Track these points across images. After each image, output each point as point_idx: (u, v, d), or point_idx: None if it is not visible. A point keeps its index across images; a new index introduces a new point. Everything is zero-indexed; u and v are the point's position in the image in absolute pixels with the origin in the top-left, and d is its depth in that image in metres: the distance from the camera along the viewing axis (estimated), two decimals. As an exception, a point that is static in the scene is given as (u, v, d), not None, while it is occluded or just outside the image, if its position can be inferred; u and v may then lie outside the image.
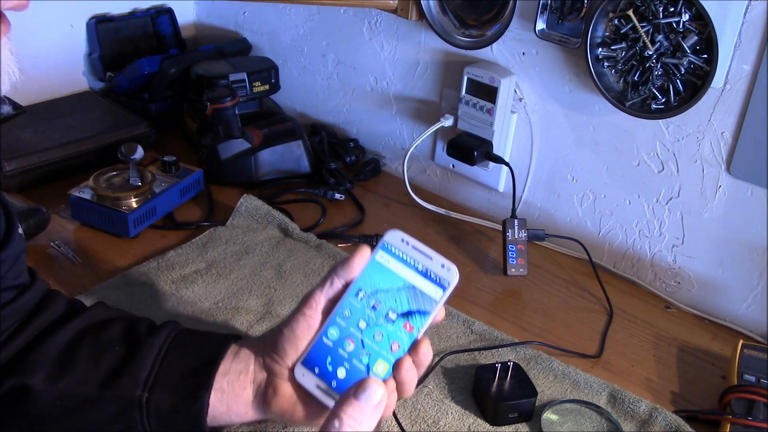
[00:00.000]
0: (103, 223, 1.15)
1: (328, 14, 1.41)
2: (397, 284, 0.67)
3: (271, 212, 1.21)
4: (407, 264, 0.67)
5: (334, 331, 0.67)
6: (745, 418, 0.87)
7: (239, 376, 0.71)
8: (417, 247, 0.68)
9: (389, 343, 0.67)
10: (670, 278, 1.15)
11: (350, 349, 0.67)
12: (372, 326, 0.67)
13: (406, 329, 0.67)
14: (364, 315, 0.67)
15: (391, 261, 0.68)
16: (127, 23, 1.52)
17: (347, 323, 0.67)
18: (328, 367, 0.67)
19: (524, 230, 1.16)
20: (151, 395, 0.69)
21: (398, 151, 1.40)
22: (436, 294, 0.67)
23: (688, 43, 0.99)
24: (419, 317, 0.67)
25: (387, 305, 0.67)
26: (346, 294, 0.68)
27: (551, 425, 0.88)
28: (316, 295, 0.69)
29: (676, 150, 1.08)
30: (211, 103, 1.26)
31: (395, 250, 0.68)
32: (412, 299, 0.67)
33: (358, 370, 0.67)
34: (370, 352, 0.67)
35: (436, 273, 0.67)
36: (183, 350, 0.72)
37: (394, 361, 0.66)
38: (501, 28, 1.17)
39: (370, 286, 0.67)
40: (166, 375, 0.70)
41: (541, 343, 1.01)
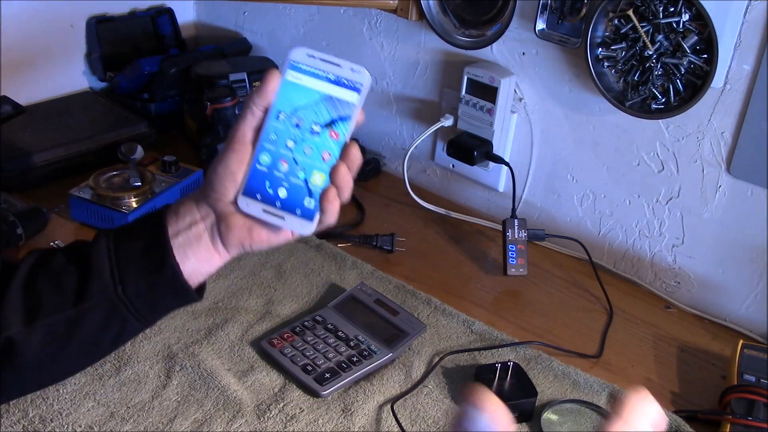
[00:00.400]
0: (103, 223, 1.15)
1: (328, 14, 1.41)
2: (314, 98, 0.69)
3: (271, 212, 1.20)
4: (318, 77, 0.69)
5: (265, 157, 0.69)
6: (745, 418, 0.87)
7: (191, 228, 0.72)
8: (324, 59, 0.69)
9: (320, 154, 0.69)
10: (670, 278, 1.15)
11: (285, 169, 0.69)
12: (300, 143, 0.69)
13: (333, 137, 0.69)
14: (289, 134, 0.69)
15: (302, 78, 0.69)
16: (127, 23, 1.52)
17: (275, 146, 0.69)
18: (268, 191, 0.70)
19: (524, 230, 1.16)
20: (125, 285, 0.70)
21: (398, 151, 1.40)
22: (352, 97, 0.69)
23: (688, 43, 0.99)
24: (342, 123, 0.69)
25: (309, 120, 0.69)
26: (267, 119, 0.70)
27: (551, 425, 0.88)
28: (241, 128, 0.70)
29: (676, 150, 1.08)
30: (211, 103, 1.27)
31: (303, 66, 0.69)
32: (331, 108, 0.69)
33: (298, 186, 0.69)
34: (304, 167, 0.69)
35: (347, 78, 0.68)
36: (128, 238, 0.73)
37: (329, 169, 0.69)
38: (501, 28, 1.17)
39: (288, 107, 0.69)
40: (127, 263, 0.71)
41: (541, 343, 1.01)
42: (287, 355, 0.93)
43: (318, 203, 0.69)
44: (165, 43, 1.56)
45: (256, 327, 0.99)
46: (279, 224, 0.70)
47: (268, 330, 0.99)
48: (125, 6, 1.53)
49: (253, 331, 0.98)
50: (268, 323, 1.00)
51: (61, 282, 0.72)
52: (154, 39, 1.56)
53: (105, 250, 0.72)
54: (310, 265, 1.11)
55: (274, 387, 0.91)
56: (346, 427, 0.86)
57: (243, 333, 0.98)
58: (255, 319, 1.00)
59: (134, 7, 1.54)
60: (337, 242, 1.18)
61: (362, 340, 0.96)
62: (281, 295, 1.05)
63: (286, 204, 0.70)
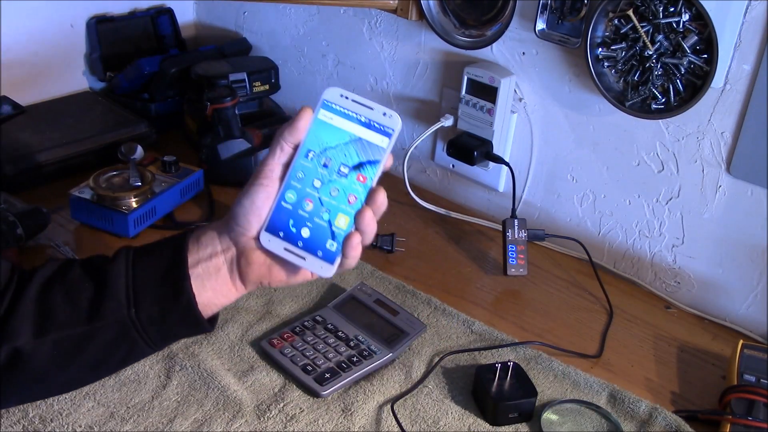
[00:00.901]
0: (103, 223, 1.15)
1: (328, 14, 1.41)
2: (344, 139, 0.68)
3: (271, 212, 1.20)
4: (350, 118, 0.69)
5: (291, 194, 0.69)
6: (745, 418, 0.87)
7: (210, 259, 0.72)
8: (357, 100, 0.69)
9: (346, 197, 0.69)
10: (670, 278, 1.15)
11: (309, 208, 0.69)
12: (327, 183, 0.69)
13: (360, 180, 0.68)
14: (317, 174, 0.69)
15: (333, 118, 0.69)
16: (127, 23, 1.52)
17: (302, 184, 0.69)
18: (291, 229, 0.69)
19: (524, 230, 1.16)
20: (138, 309, 0.70)
21: (398, 151, 1.40)
22: (382, 142, 0.68)
23: (688, 43, 0.99)
24: (370, 167, 0.68)
25: (337, 161, 0.68)
26: (296, 156, 0.69)
27: (551, 425, 0.88)
28: (270, 163, 0.70)
29: (676, 150, 1.08)
30: (211, 103, 1.26)
31: (336, 106, 0.69)
32: (360, 151, 0.68)
33: (321, 227, 0.69)
34: (329, 208, 0.69)
35: (379, 122, 0.68)
36: (147, 261, 0.73)
37: (354, 213, 0.68)
38: (501, 28, 1.17)
39: (318, 146, 0.69)
40: (143, 287, 0.71)
41: (541, 343, 1.01)
42: (287, 355, 0.93)
43: (340, 246, 0.68)
44: (165, 43, 1.56)
45: (256, 327, 0.99)
46: (299, 264, 0.69)
47: (268, 330, 0.99)
48: (125, 6, 1.53)
49: (253, 331, 0.98)
50: (268, 323, 1.00)
51: (75, 296, 0.71)
52: (154, 39, 1.56)
53: (123, 269, 0.72)
54: (310, 265, 1.11)
55: (274, 387, 0.91)
56: (346, 427, 0.86)
57: (243, 333, 0.98)
58: (255, 319, 1.00)
59: (134, 7, 1.54)
60: (337, 242, 1.18)
61: (362, 340, 0.96)
62: (281, 295, 1.05)
63: (308, 244, 0.69)
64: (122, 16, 1.53)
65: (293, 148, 0.70)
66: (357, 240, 0.68)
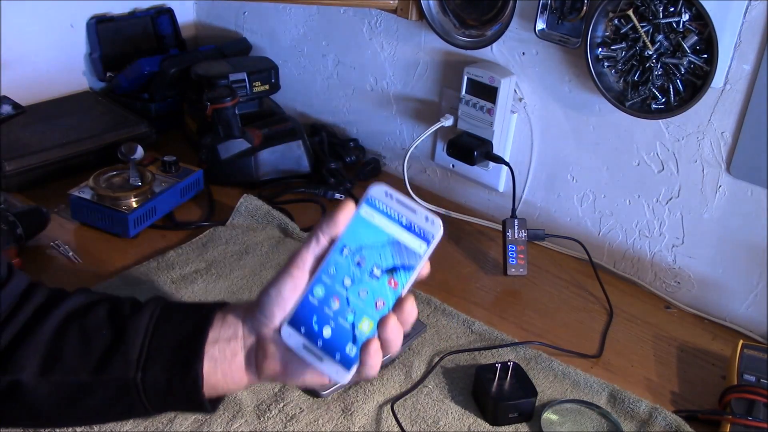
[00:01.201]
0: (103, 223, 1.15)
1: (328, 14, 1.41)
2: (381, 239, 0.66)
3: (271, 212, 1.21)
4: (391, 218, 0.66)
5: (319, 290, 0.67)
6: (745, 418, 0.87)
7: (229, 342, 0.70)
8: (401, 201, 0.67)
9: (374, 300, 0.66)
10: (670, 278, 1.15)
11: (336, 307, 0.67)
12: (357, 283, 0.66)
13: (391, 285, 0.66)
14: (349, 272, 0.67)
15: (375, 216, 0.66)
16: (127, 23, 1.52)
17: (332, 281, 0.67)
18: (314, 326, 0.67)
19: (524, 230, 1.16)
20: (145, 374, 0.69)
21: (398, 151, 1.40)
22: (420, 248, 0.66)
23: (688, 43, 0.99)
24: (404, 273, 0.66)
25: (371, 261, 0.66)
26: (331, 251, 0.67)
27: (551, 425, 0.88)
28: (303, 254, 0.68)
29: (676, 150, 1.08)
30: (211, 103, 1.26)
31: (379, 204, 0.66)
32: (396, 254, 0.66)
33: (344, 329, 0.67)
34: (355, 310, 0.67)
35: (420, 226, 0.66)
36: (170, 325, 0.72)
37: (379, 318, 0.66)
38: (501, 28, 1.17)
39: (354, 242, 0.67)
40: (157, 352, 0.70)
41: (541, 343, 1.01)
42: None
43: (359, 353, 0.66)
44: (165, 43, 1.56)
45: (256, 327, 0.99)
46: (315, 365, 0.67)
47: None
48: (125, 6, 1.53)
49: (253, 331, 0.98)
50: (268, 323, 1.00)
51: (90, 343, 0.70)
52: (154, 39, 1.56)
53: (144, 326, 0.70)
54: (310, 265, 1.11)
55: (274, 387, 0.90)
56: (346, 427, 0.86)
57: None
58: (255, 319, 1.00)
59: (134, 7, 1.54)
60: (337, 242, 1.18)
61: (362, 340, 0.96)
62: (281, 295, 1.05)
63: (328, 345, 0.66)
64: (122, 16, 1.53)
65: (329, 242, 0.67)
66: (376, 347, 0.65)
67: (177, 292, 1.03)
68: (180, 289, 1.03)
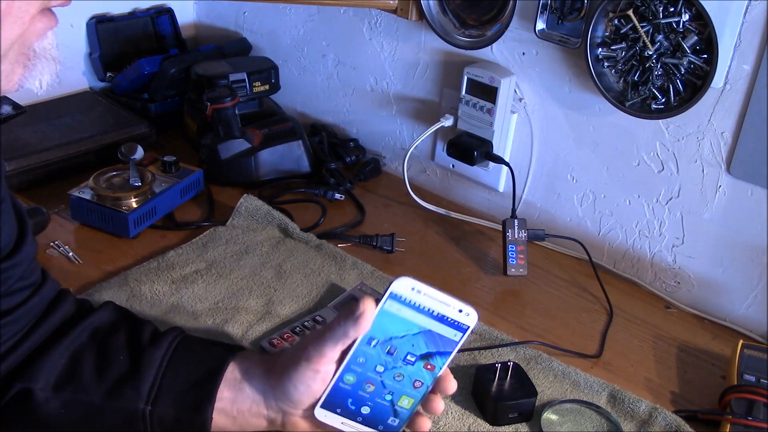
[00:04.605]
0: (103, 223, 1.15)
1: (328, 14, 1.41)
2: (412, 330, 0.64)
3: (271, 212, 1.21)
4: (420, 311, 0.63)
5: (350, 377, 0.66)
6: (745, 418, 0.87)
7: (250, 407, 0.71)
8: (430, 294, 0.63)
9: (411, 382, 0.65)
10: (670, 278, 1.15)
11: (370, 390, 0.66)
12: (390, 369, 0.65)
13: (427, 369, 0.65)
14: (380, 360, 0.65)
15: (402, 309, 0.63)
16: (127, 23, 1.52)
17: (363, 369, 0.65)
18: (350, 407, 0.67)
19: (524, 230, 1.16)
20: (155, 408, 0.70)
21: (398, 151, 1.40)
22: (455, 336, 0.65)
23: (688, 43, 0.99)
24: (440, 357, 0.65)
25: (404, 350, 0.65)
26: (358, 343, 0.65)
27: (551, 425, 0.88)
28: (327, 351, 0.66)
29: (676, 150, 1.08)
30: (211, 103, 1.26)
31: (405, 298, 0.63)
32: (430, 342, 0.64)
33: (383, 406, 0.66)
34: (393, 391, 0.66)
35: (453, 318, 0.64)
36: (185, 361, 0.73)
37: (419, 396, 0.66)
38: (501, 28, 1.17)
39: (382, 335, 0.64)
40: (169, 387, 0.71)
41: (541, 343, 1.01)
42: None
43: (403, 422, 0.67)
44: (165, 43, 1.56)
45: (256, 327, 0.99)
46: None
47: (268, 330, 0.99)
48: (125, 6, 1.53)
49: (253, 331, 0.98)
50: (268, 323, 1.00)
51: (106, 365, 0.71)
52: (154, 39, 1.56)
53: (158, 360, 0.71)
54: (310, 265, 1.11)
55: (274, 387, 0.90)
56: (346, 427, 0.86)
57: (243, 333, 0.98)
58: (255, 319, 1.00)
59: (134, 7, 1.54)
60: (337, 242, 1.18)
61: (362, 340, 0.96)
62: (281, 295, 1.05)
63: (369, 420, 0.66)
64: (122, 16, 1.53)
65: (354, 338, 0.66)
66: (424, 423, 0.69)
67: (177, 292, 1.03)
68: (180, 289, 1.03)
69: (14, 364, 0.71)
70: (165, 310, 1.00)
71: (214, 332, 0.97)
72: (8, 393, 0.69)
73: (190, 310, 1.00)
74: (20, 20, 0.56)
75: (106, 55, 1.49)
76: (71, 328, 0.73)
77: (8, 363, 0.70)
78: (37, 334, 0.72)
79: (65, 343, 0.72)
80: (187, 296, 1.03)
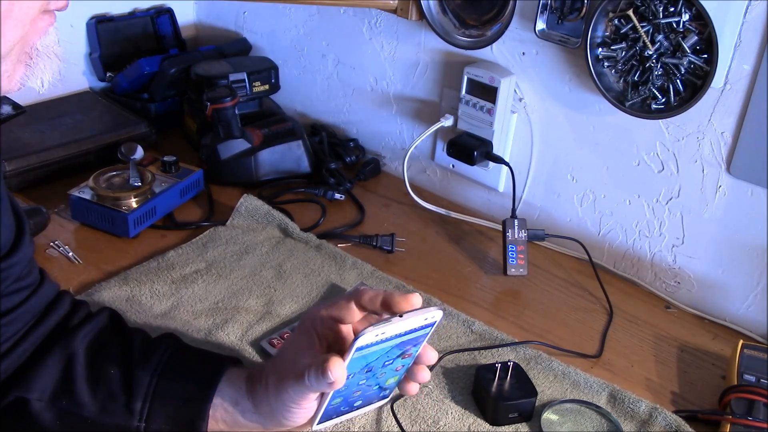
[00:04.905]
0: (103, 223, 1.15)
1: (328, 14, 1.41)
2: (384, 350, 0.65)
3: (271, 212, 1.21)
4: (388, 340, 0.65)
5: (337, 399, 0.68)
6: (745, 418, 0.87)
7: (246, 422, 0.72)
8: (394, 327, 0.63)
9: (393, 370, 0.69)
10: (670, 278, 1.15)
11: (359, 393, 0.69)
12: (372, 377, 0.68)
13: (405, 359, 0.68)
14: (361, 378, 0.67)
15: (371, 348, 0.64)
16: (127, 23, 1.52)
17: (347, 389, 0.67)
18: (343, 409, 0.70)
19: (524, 230, 1.16)
20: (148, 424, 0.70)
21: (398, 151, 1.40)
22: (424, 332, 0.66)
23: (688, 43, 0.99)
24: (414, 348, 0.68)
25: (380, 362, 0.67)
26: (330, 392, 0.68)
27: (551, 425, 0.88)
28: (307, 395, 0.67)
29: (676, 150, 1.08)
30: (211, 103, 1.26)
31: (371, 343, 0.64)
32: (403, 346, 0.66)
33: (373, 392, 0.70)
34: (379, 382, 0.69)
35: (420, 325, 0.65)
36: (177, 377, 0.73)
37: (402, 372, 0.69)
38: (501, 28, 1.17)
39: (357, 367, 0.66)
40: (160, 405, 0.71)
41: (541, 343, 1.01)
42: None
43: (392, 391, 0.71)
44: (165, 43, 1.56)
45: (256, 327, 0.99)
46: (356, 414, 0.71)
47: (268, 330, 0.99)
48: (125, 6, 1.53)
49: (253, 331, 0.98)
50: (268, 323, 1.00)
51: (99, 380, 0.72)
52: (154, 39, 1.56)
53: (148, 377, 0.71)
54: (310, 265, 1.11)
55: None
56: (346, 427, 0.86)
57: (243, 333, 0.98)
58: (255, 319, 1.00)
59: (134, 7, 1.54)
60: (337, 242, 1.18)
61: (362, 340, 0.96)
62: (281, 295, 1.05)
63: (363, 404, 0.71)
64: (122, 16, 1.53)
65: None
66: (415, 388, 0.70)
67: (177, 292, 1.03)
68: (180, 289, 1.03)
69: (12, 366, 0.71)
70: (165, 310, 1.00)
71: (213, 334, 0.97)
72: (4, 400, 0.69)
73: (190, 310, 1.00)
74: (21, 22, 0.56)
75: (106, 55, 1.49)
76: (68, 335, 0.73)
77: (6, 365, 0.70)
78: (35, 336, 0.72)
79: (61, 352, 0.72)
80: (187, 296, 1.03)
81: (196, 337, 0.96)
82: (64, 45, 0.64)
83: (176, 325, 0.97)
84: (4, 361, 0.70)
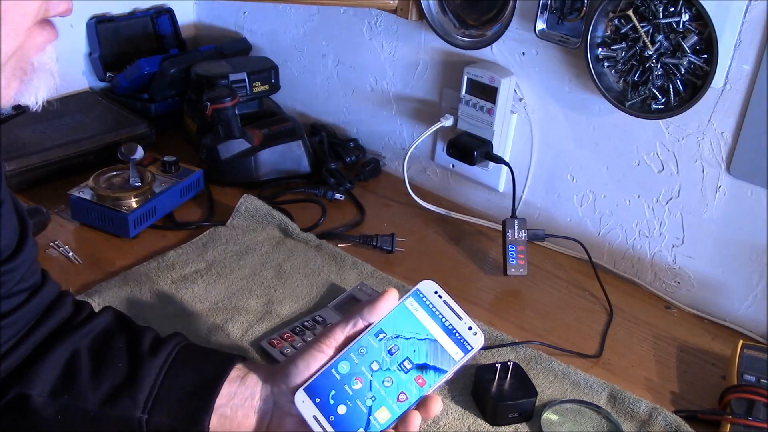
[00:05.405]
0: (103, 223, 1.15)
1: (328, 14, 1.41)
2: (420, 334, 0.66)
3: (271, 212, 1.21)
4: (435, 317, 0.65)
5: (345, 365, 0.67)
6: (745, 418, 0.87)
7: (244, 402, 0.71)
8: (449, 303, 0.66)
9: (397, 392, 0.66)
10: (670, 278, 1.15)
11: (357, 387, 0.66)
12: (384, 370, 0.66)
13: (418, 382, 0.66)
14: (378, 357, 0.66)
15: (419, 310, 0.66)
16: (127, 23, 1.52)
17: (360, 361, 0.66)
18: (330, 400, 0.66)
19: (524, 230, 1.16)
20: (151, 417, 0.70)
21: (398, 151, 1.40)
22: (456, 354, 0.66)
23: (688, 43, 0.99)
24: (434, 374, 0.66)
25: (405, 353, 0.66)
26: (366, 331, 0.67)
27: (551, 425, 0.88)
28: (336, 333, 0.68)
29: (676, 150, 1.08)
30: (211, 103, 1.26)
31: (426, 300, 0.66)
32: (431, 353, 0.65)
33: (359, 412, 0.66)
34: (376, 396, 0.66)
35: (461, 334, 0.65)
36: (184, 370, 0.72)
37: (399, 412, 0.65)
38: (501, 28, 1.17)
39: (392, 330, 0.66)
40: (166, 397, 0.71)
41: (541, 343, 1.01)
42: (287, 355, 0.93)
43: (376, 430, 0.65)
44: (165, 43, 1.56)
45: (256, 327, 0.99)
46: None
47: (268, 330, 0.99)
48: (125, 6, 1.53)
49: (253, 331, 0.98)
50: (268, 323, 1.00)
51: (104, 373, 0.71)
52: (154, 39, 1.56)
53: (157, 369, 0.71)
54: (310, 265, 1.11)
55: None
56: (346, 427, 0.86)
57: (243, 333, 0.98)
58: (255, 319, 1.00)
59: (134, 7, 1.54)
60: (337, 242, 1.18)
61: (362, 340, 0.96)
62: (281, 295, 1.05)
63: (339, 423, 0.66)
64: (122, 16, 1.53)
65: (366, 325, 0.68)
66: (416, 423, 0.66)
67: (177, 292, 1.03)
68: (180, 290, 1.03)
69: (12, 366, 0.70)
70: (165, 310, 1.00)
71: (213, 334, 0.97)
72: (5, 397, 0.69)
73: (190, 310, 1.00)
74: (14, 32, 0.55)
75: (106, 55, 1.49)
76: (70, 333, 0.73)
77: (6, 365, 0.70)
78: (35, 337, 0.72)
79: (63, 349, 0.72)
80: (187, 296, 1.03)
81: (196, 337, 0.96)
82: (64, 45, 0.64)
83: (176, 325, 0.97)
84: (5, 362, 0.70)
